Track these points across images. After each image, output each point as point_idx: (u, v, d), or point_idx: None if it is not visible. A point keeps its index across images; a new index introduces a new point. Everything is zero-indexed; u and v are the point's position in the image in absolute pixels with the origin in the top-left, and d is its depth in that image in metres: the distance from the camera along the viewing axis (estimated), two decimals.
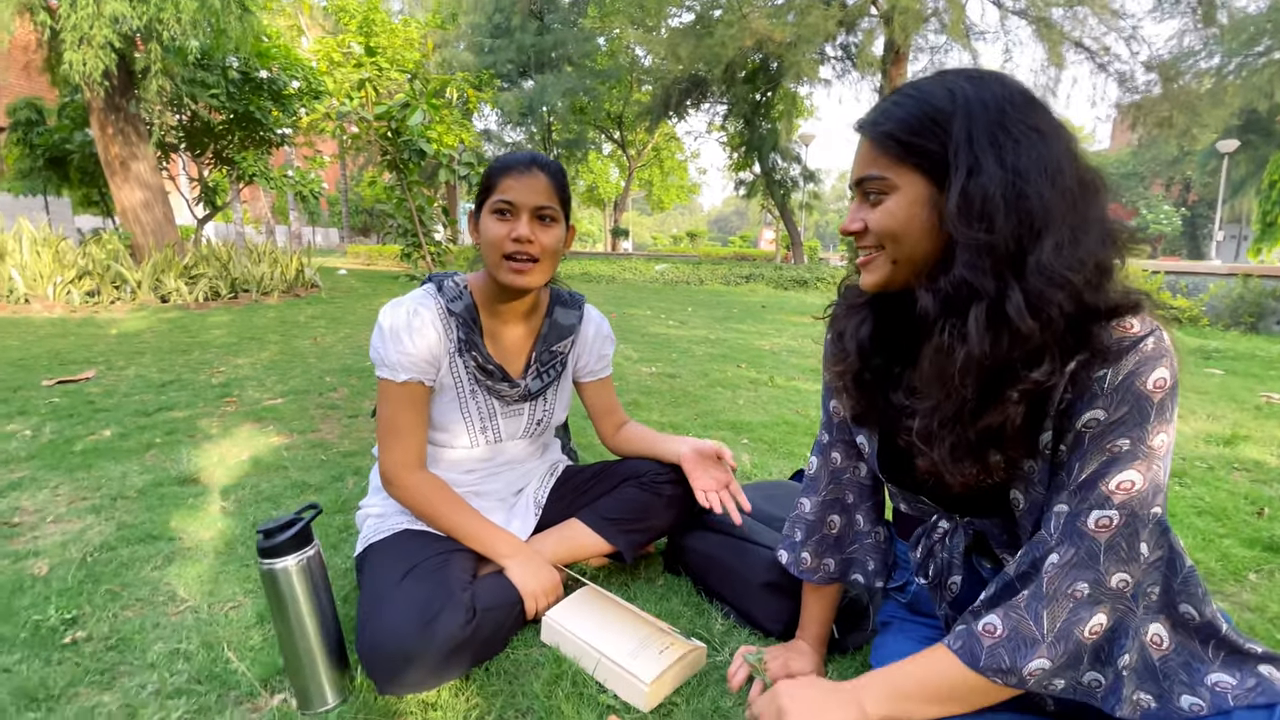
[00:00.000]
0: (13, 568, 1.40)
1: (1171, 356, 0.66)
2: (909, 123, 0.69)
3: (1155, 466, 0.66)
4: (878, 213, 0.73)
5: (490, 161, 1.20)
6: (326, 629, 0.99)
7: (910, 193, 0.70)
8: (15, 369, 3.36)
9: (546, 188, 1.15)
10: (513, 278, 1.15)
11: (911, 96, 0.70)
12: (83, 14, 5.30)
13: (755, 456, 2.23)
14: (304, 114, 9.32)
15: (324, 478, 1.98)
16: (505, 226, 1.13)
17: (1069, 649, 0.67)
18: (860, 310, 0.86)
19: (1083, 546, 0.67)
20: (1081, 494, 0.68)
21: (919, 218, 0.70)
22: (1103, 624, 0.67)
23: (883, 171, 0.71)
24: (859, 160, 0.75)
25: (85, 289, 5.87)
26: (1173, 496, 1.95)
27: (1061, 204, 0.64)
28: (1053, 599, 0.68)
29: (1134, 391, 0.65)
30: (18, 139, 8.79)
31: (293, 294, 7.25)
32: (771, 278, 11.77)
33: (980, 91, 0.67)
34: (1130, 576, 0.67)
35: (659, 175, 29.38)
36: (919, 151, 0.69)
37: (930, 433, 0.73)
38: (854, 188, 0.76)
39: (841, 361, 0.87)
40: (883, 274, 0.75)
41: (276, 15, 16.04)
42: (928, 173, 0.69)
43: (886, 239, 0.73)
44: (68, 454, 2.13)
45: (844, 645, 1.16)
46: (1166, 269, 8.21)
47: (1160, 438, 0.66)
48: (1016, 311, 0.63)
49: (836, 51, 14.71)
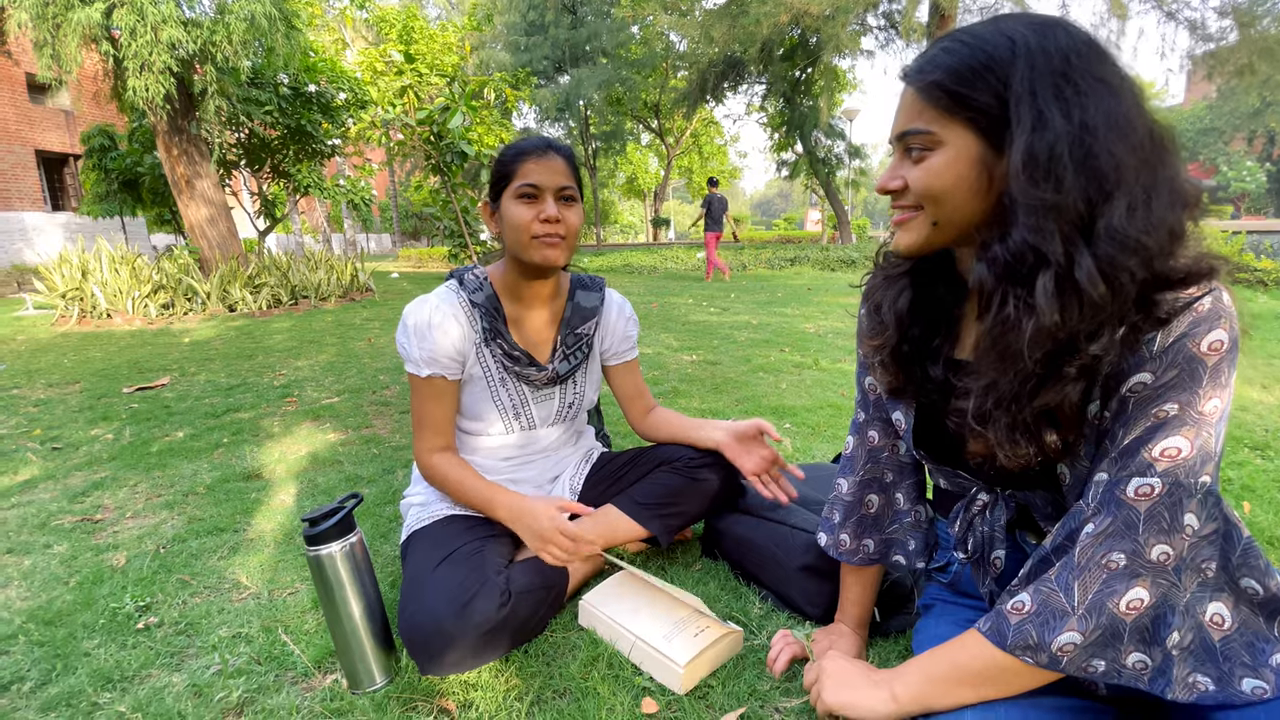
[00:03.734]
0: (94, 560, 1.51)
1: (1231, 318, 0.60)
2: (960, 72, 0.63)
3: (1205, 433, 0.61)
4: (920, 170, 0.67)
5: (498, 154, 1.21)
6: (371, 612, 1.03)
7: (958, 149, 0.65)
8: (99, 378, 3.61)
9: (565, 169, 1.17)
10: (545, 253, 1.16)
11: (964, 43, 0.64)
12: (142, 42, 5.62)
13: (798, 440, 2.20)
14: (351, 124, 9.64)
15: (375, 470, 2.05)
16: (532, 209, 1.15)
17: (1101, 622, 0.63)
18: (898, 280, 0.82)
19: (1120, 515, 0.63)
20: (1122, 461, 0.63)
21: (966, 177, 0.65)
22: (1143, 599, 0.62)
23: (928, 125, 0.66)
24: (902, 112, 0.69)
25: (160, 302, 6.26)
26: (1255, 470, 1.82)
27: (1133, 162, 0.59)
28: (1084, 569, 0.64)
29: (1185, 354, 0.60)
30: (93, 164, 9.41)
31: (348, 298, 7.55)
32: (818, 259, 11.51)
33: (1043, 39, 0.61)
34: (1172, 549, 0.62)
35: (698, 162, 29.08)
36: (970, 104, 0.63)
37: (985, 413, 0.69)
38: (895, 142, 0.70)
39: (880, 334, 0.83)
40: (920, 235, 0.70)
41: (321, 31, 16.63)
42: (980, 128, 0.64)
43: (928, 199, 0.68)
44: (145, 455, 2.28)
45: (886, 629, 1.13)
46: (1249, 229, 7.64)
47: (1213, 403, 0.60)
48: (1088, 278, 0.58)
49: (879, 20, 14.18)
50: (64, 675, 1.09)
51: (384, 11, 14.30)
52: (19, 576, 1.45)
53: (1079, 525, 0.67)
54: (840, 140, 17.36)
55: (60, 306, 6.07)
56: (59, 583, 1.41)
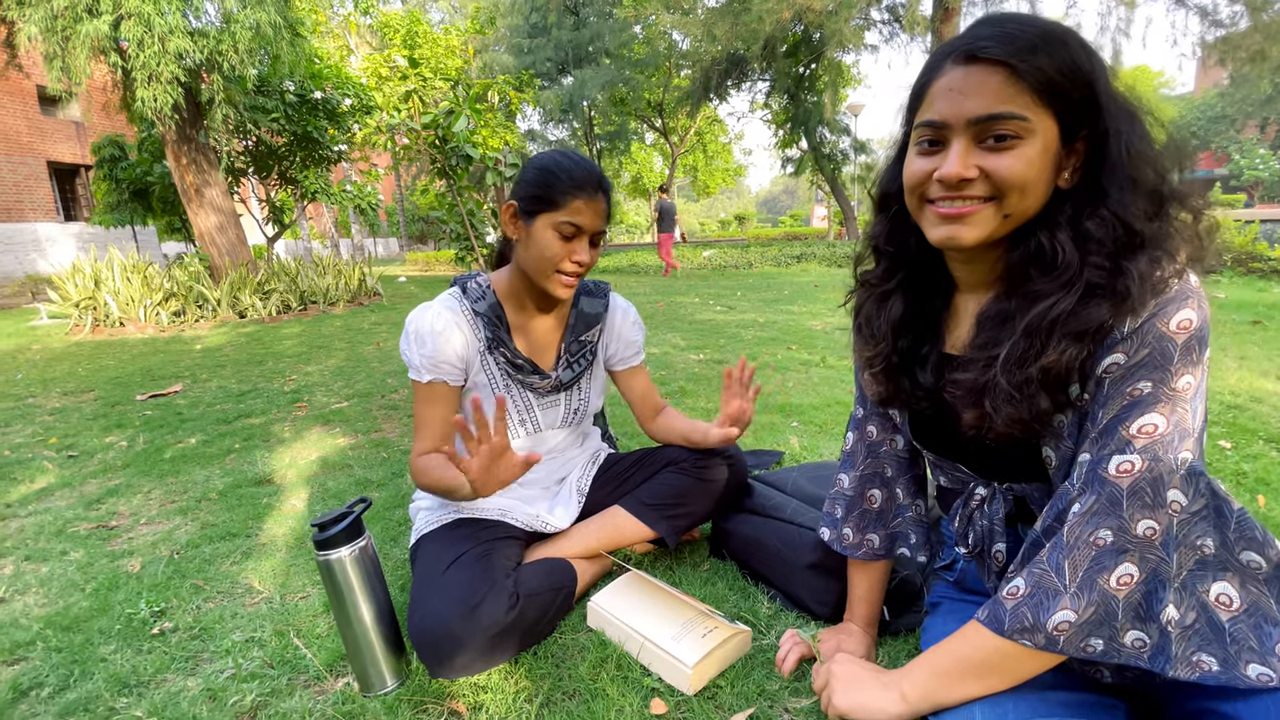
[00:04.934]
0: (110, 566, 1.53)
1: (1199, 298, 0.63)
2: (1058, 60, 0.63)
3: (1180, 410, 0.62)
4: (1010, 158, 0.64)
5: (543, 164, 1.15)
6: (382, 615, 1.04)
7: (1046, 139, 0.65)
8: (113, 386, 3.66)
9: (604, 211, 1.16)
10: (561, 290, 1.17)
11: (1044, 31, 0.63)
12: (150, 52, 5.68)
13: (805, 439, 2.19)
14: (357, 129, 9.70)
15: (385, 474, 2.07)
16: (568, 247, 1.13)
17: (1094, 599, 0.64)
18: (889, 294, 0.83)
19: (1104, 493, 0.64)
20: (1102, 440, 0.65)
21: (1047, 168, 0.66)
22: (1133, 575, 0.64)
23: (1024, 110, 0.63)
24: (983, 92, 0.64)
25: (172, 310, 6.33)
26: (1270, 463, 1.79)
27: (1162, 158, 0.67)
28: (1073, 548, 0.65)
29: (1155, 333, 0.62)
30: (104, 175, 9.49)
31: (357, 303, 7.60)
32: (824, 256, 11.47)
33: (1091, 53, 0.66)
34: (1158, 524, 0.63)
35: (703, 160, 29.01)
36: (1064, 95, 0.63)
37: (984, 383, 0.71)
38: (965, 125, 0.65)
39: (873, 346, 0.85)
40: (989, 228, 0.68)
41: (326, 37, 16.73)
42: (1061, 118, 0.65)
43: (1015, 189, 0.65)
44: (158, 461, 2.31)
45: (895, 628, 1.13)
46: (1263, 217, 7.52)
47: (1185, 380, 0.62)
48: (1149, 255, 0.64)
49: (882, 15, 14.12)
50: (81, 680, 1.11)
51: (388, 17, 14.37)
52: (37, 583, 1.48)
53: (1066, 506, 0.68)
54: (845, 136, 17.27)
55: (74, 316, 6.14)
56: (76, 589, 1.43)
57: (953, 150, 0.66)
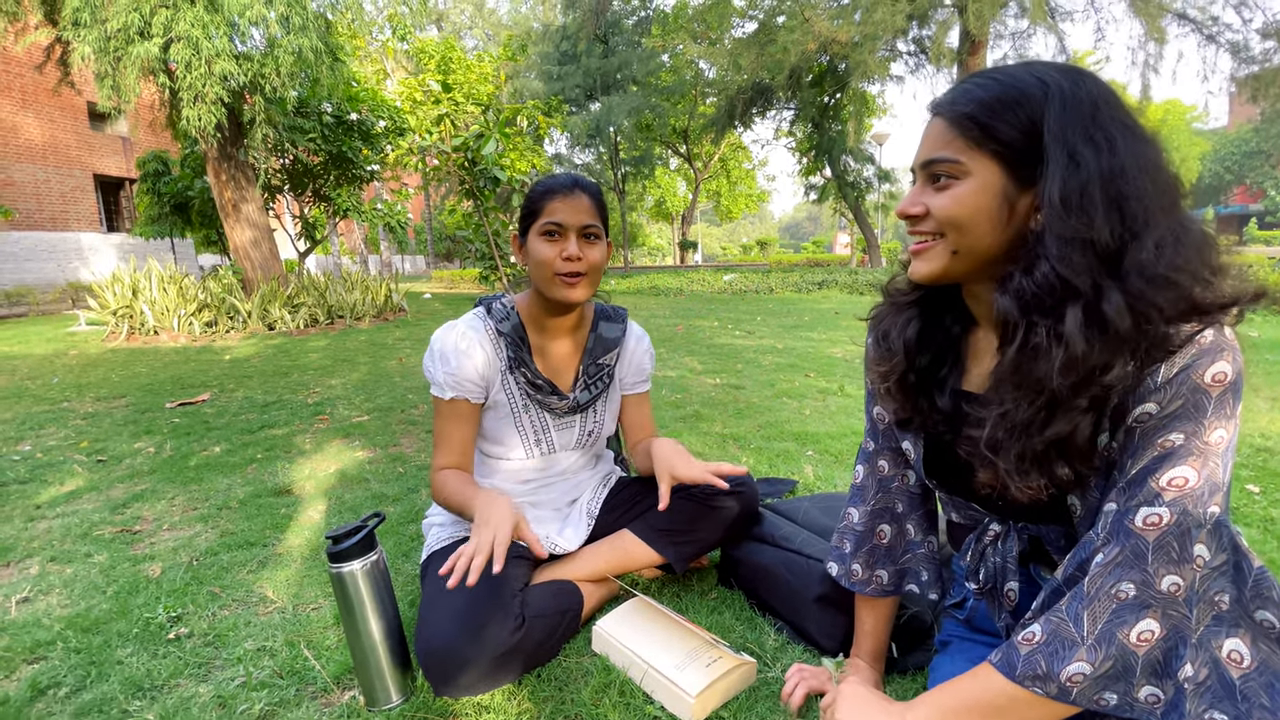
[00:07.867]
0: (131, 570, 1.57)
1: (1234, 351, 0.62)
2: (992, 106, 0.66)
3: (1212, 464, 0.61)
4: (944, 198, 0.69)
5: (529, 189, 1.23)
6: (390, 630, 1.06)
7: (982, 180, 0.67)
8: (144, 393, 3.76)
9: (589, 208, 1.19)
10: (565, 291, 1.19)
11: (997, 80, 0.67)
12: (196, 74, 5.94)
13: (820, 469, 2.18)
14: (390, 151, 9.99)
15: (400, 489, 2.10)
16: (555, 247, 1.18)
17: (1112, 653, 0.63)
18: (907, 309, 0.84)
19: (1129, 545, 0.63)
20: (1130, 490, 0.64)
21: (988, 208, 0.68)
22: (1154, 632, 0.62)
23: (956, 154, 0.68)
24: (928, 141, 0.71)
25: (204, 320, 6.51)
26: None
27: (1162, 203, 0.63)
28: (1094, 599, 0.64)
29: (1190, 384, 0.61)
30: (147, 189, 9.89)
31: (382, 318, 7.75)
32: (846, 283, 11.43)
33: (1074, 85, 0.64)
34: (1182, 579, 0.61)
35: (726, 185, 29.27)
36: (999, 137, 0.66)
37: (997, 441, 0.70)
38: (919, 169, 0.72)
39: (886, 362, 0.84)
40: (939, 264, 0.72)
41: (364, 61, 17.32)
42: (1005, 162, 0.66)
43: (950, 227, 0.70)
44: (184, 469, 2.36)
45: (904, 665, 1.11)
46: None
47: (1218, 434, 0.61)
48: (1115, 312, 0.61)
49: (909, 46, 14.22)
50: (98, 682, 1.14)
51: (424, 43, 14.87)
52: (60, 584, 1.52)
53: (1089, 555, 0.67)
54: (869, 164, 17.31)
55: (111, 323, 6.35)
56: (97, 591, 1.47)
57: (912, 190, 0.73)
